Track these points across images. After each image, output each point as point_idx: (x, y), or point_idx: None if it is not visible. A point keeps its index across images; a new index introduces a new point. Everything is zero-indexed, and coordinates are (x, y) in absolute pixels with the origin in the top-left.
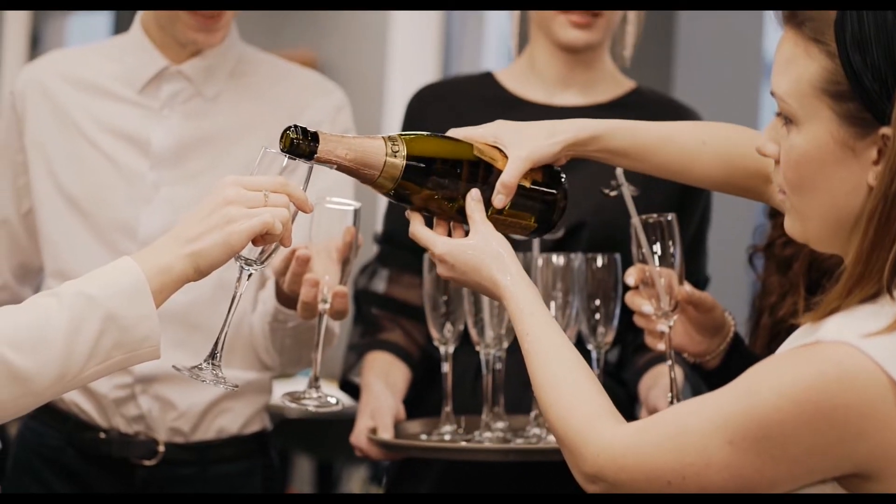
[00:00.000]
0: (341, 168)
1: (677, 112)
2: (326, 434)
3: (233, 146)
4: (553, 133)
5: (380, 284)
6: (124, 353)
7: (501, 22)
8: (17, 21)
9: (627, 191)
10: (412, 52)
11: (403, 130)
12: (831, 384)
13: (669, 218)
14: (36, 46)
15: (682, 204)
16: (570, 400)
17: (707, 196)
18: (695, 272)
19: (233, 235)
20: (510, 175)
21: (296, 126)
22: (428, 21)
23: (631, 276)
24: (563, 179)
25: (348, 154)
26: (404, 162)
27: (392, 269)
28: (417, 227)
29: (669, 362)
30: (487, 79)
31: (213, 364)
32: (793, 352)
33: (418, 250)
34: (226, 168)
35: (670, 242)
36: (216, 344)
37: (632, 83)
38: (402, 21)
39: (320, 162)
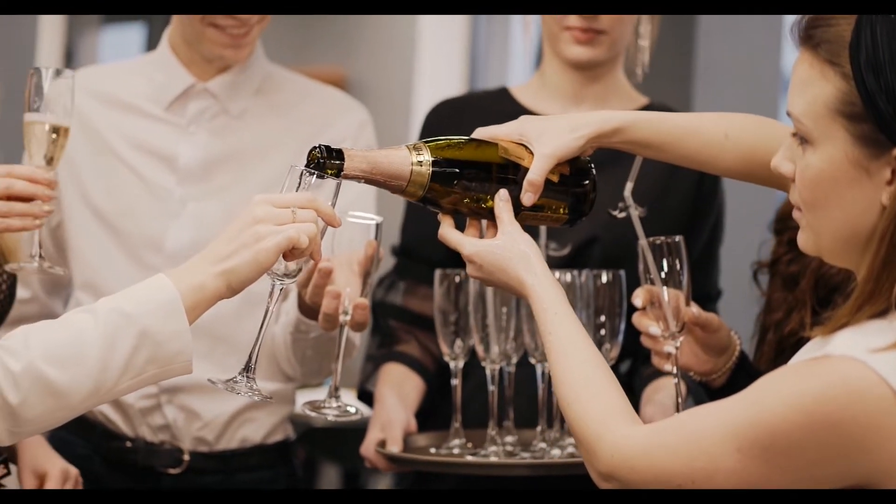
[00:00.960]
0: (369, 181)
1: None
2: (352, 443)
3: (258, 162)
4: (576, 127)
5: (397, 296)
6: (158, 367)
7: (534, 38)
8: (52, 35)
9: (635, 212)
10: (439, 68)
11: None
12: (837, 397)
13: (677, 239)
14: (70, 61)
15: (693, 220)
16: (588, 399)
17: (718, 211)
18: (707, 286)
19: (261, 253)
20: (536, 173)
21: (321, 145)
22: (454, 37)
23: (638, 298)
24: (591, 168)
25: (374, 168)
26: (430, 169)
27: (409, 282)
28: (446, 230)
29: (676, 380)
30: (503, 94)
31: (247, 377)
32: (802, 364)
33: (435, 263)
34: (251, 184)
35: (677, 263)
36: (250, 357)
37: (645, 99)
38: (429, 38)
39: (348, 178)
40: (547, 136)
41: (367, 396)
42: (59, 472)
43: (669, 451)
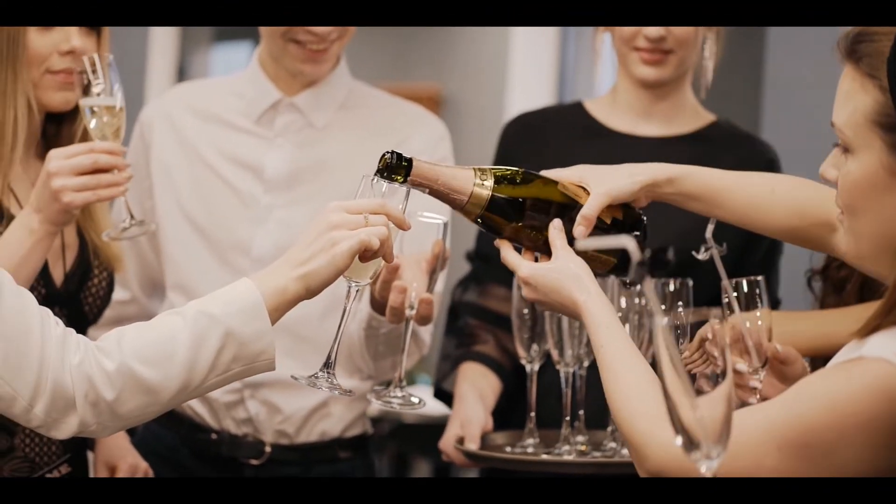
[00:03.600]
0: (432, 192)
1: (752, 145)
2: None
3: (340, 173)
4: (633, 173)
5: (474, 296)
6: (242, 365)
7: (613, 55)
8: (165, 52)
9: (717, 253)
10: (530, 83)
11: (498, 153)
12: (868, 398)
13: (759, 279)
14: (182, 76)
15: (753, 233)
16: (637, 405)
17: None
18: None
19: (336, 256)
20: (591, 208)
21: (393, 151)
22: (544, 53)
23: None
24: (643, 220)
25: (438, 178)
26: (490, 193)
27: (486, 283)
28: (505, 252)
29: None
30: (577, 108)
31: (328, 373)
32: (837, 366)
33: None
34: (333, 192)
35: (758, 302)
36: (329, 355)
37: (712, 116)
38: (520, 54)
39: (413, 185)
40: (604, 177)
41: (442, 394)
42: (127, 467)
43: None
